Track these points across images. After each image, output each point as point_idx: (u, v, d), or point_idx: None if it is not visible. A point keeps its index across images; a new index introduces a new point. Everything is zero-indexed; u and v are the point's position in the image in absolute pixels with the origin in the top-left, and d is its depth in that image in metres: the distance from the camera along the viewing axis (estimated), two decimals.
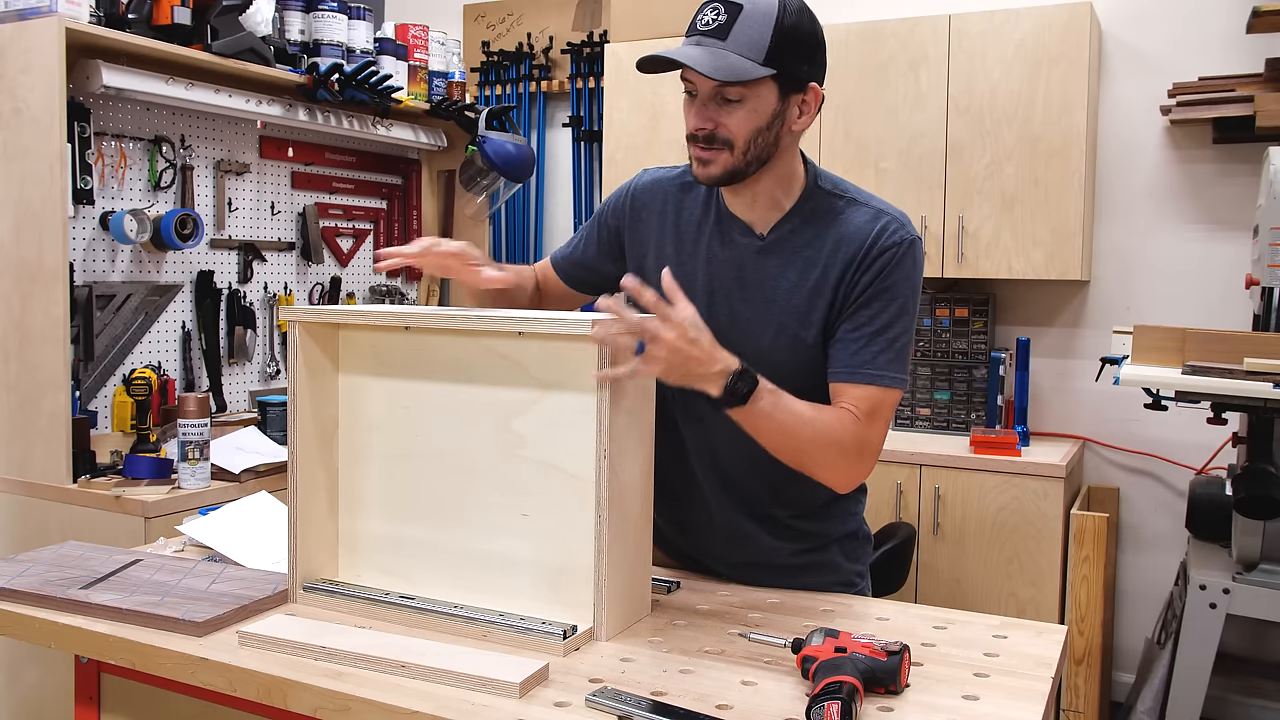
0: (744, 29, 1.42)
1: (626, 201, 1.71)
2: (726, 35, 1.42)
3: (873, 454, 1.52)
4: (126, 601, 1.41)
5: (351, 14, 3.17)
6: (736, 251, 1.59)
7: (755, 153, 1.49)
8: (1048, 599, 2.95)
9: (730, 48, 1.42)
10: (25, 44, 2.42)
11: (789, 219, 1.57)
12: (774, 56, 1.44)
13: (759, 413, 1.39)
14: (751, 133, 1.47)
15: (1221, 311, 3.22)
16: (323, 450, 1.51)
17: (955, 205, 3.24)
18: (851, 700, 1.10)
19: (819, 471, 1.49)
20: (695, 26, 1.46)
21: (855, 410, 1.48)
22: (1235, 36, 3.15)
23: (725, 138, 1.47)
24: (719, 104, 1.46)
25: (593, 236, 1.75)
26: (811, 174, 1.59)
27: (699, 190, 1.65)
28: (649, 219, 1.68)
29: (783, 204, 1.57)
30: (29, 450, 2.47)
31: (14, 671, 2.50)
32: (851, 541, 1.70)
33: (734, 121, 1.47)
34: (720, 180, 1.51)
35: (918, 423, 3.46)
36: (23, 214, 2.45)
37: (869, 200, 1.58)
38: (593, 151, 4.16)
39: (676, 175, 1.69)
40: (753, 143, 1.48)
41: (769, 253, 1.57)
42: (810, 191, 1.58)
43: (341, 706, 1.18)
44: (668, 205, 1.66)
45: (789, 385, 1.55)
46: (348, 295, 3.55)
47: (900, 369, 1.51)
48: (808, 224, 1.56)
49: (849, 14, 3.58)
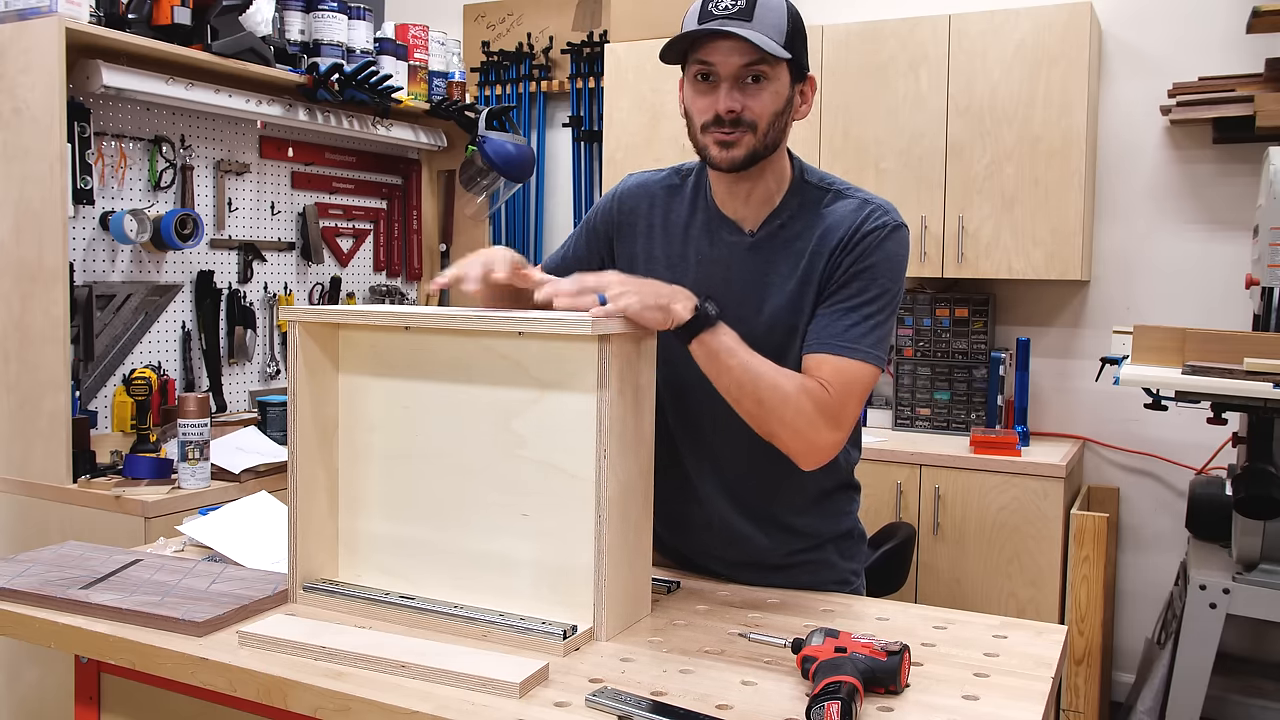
0: (765, 12, 1.45)
1: (614, 207, 1.71)
2: (751, 17, 1.44)
3: (840, 427, 1.48)
4: (126, 601, 1.41)
5: (351, 14, 3.17)
6: (725, 250, 1.60)
7: (773, 136, 1.51)
8: (1048, 599, 2.95)
9: (758, 28, 1.44)
10: (25, 44, 2.42)
11: (778, 214, 1.59)
12: (789, 42, 1.47)
13: (722, 347, 1.41)
14: (773, 115, 1.50)
15: (1221, 311, 3.22)
16: (323, 450, 1.51)
17: (955, 205, 3.24)
18: (851, 700, 1.10)
19: (780, 431, 1.45)
20: (711, 13, 1.46)
21: (825, 382, 1.46)
22: (1235, 36, 3.15)
23: (750, 120, 1.48)
24: (743, 86, 1.48)
25: (582, 243, 1.76)
26: (797, 167, 1.61)
27: (685, 192, 1.66)
28: (636, 222, 1.68)
29: (774, 198, 1.59)
30: (29, 450, 2.47)
31: (14, 671, 2.50)
32: (846, 540, 1.70)
33: (759, 103, 1.48)
34: (743, 163, 1.51)
35: (918, 423, 3.46)
36: (23, 214, 2.45)
37: (855, 192, 1.59)
38: (593, 151, 4.16)
39: (663, 178, 1.70)
40: (772, 126, 1.50)
41: (758, 249, 1.58)
42: (797, 185, 1.60)
43: (341, 706, 1.18)
44: (654, 208, 1.67)
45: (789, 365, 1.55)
46: (348, 295, 3.56)
47: (876, 347, 1.50)
48: (796, 218, 1.58)
49: (849, 14, 3.58)
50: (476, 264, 1.46)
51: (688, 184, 1.66)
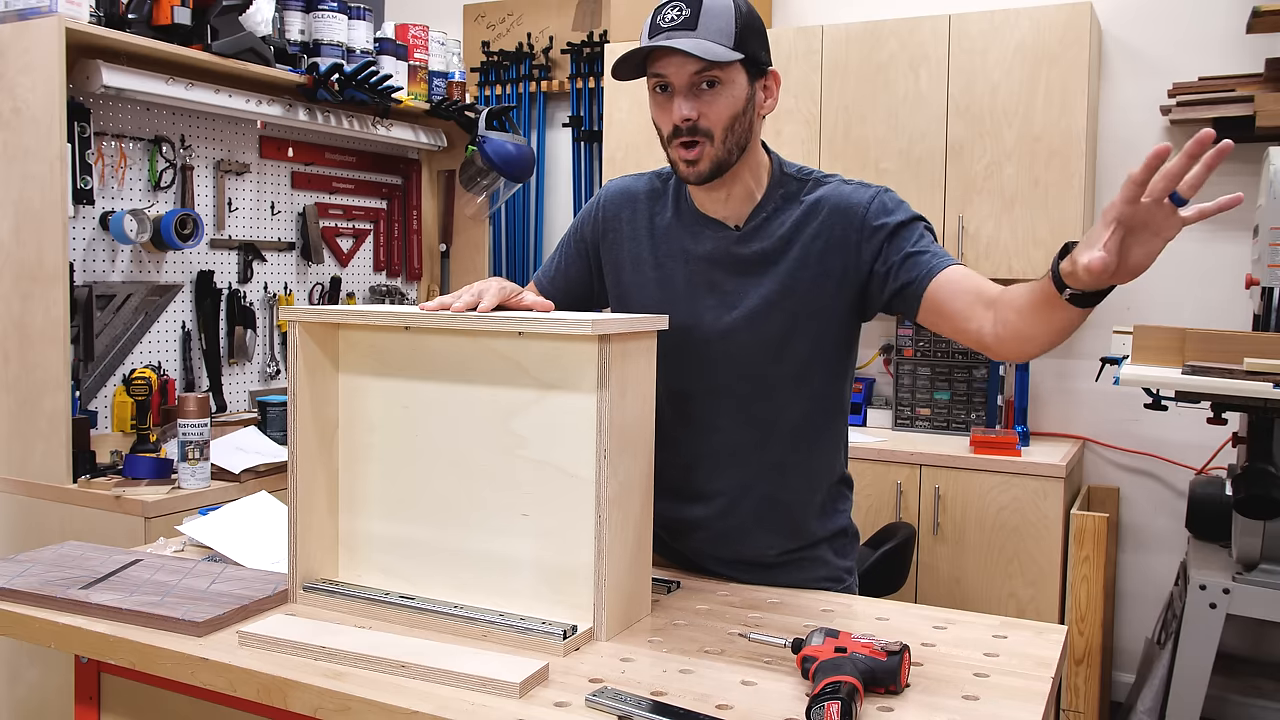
0: (710, 19, 1.46)
1: (598, 215, 1.73)
2: (695, 26, 1.46)
3: None
4: (126, 601, 1.41)
5: (351, 14, 3.17)
6: (712, 246, 1.61)
7: (735, 139, 1.52)
8: (1048, 599, 2.95)
9: (702, 35, 1.46)
10: (25, 44, 2.42)
11: (762, 207, 1.60)
12: (740, 42, 1.48)
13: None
14: (730, 119, 1.51)
15: (1221, 311, 3.22)
16: (323, 450, 1.51)
17: (955, 205, 3.24)
18: (851, 700, 1.10)
19: None
20: (659, 26, 1.49)
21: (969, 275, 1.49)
22: (1235, 36, 3.15)
23: (706, 128, 1.50)
24: (697, 94, 1.49)
25: (571, 254, 1.77)
26: (776, 161, 1.63)
27: (668, 196, 1.67)
28: (621, 228, 1.69)
29: (755, 194, 1.60)
30: (29, 450, 2.47)
31: (14, 671, 2.50)
32: (841, 539, 1.71)
33: (714, 110, 1.49)
34: (709, 175, 1.53)
35: (918, 423, 3.46)
36: (23, 214, 2.45)
37: (830, 177, 1.62)
38: (593, 151, 4.16)
39: (645, 182, 1.71)
40: (730, 130, 1.51)
41: (745, 242, 1.60)
42: (778, 178, 1.61)
43: (341, 706, 1.18)
44: (638, 214, 1.69)
45: (787, 357, 1.57)
46: (348, 295, 3.56)
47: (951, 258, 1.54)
48: (781, 209, 1.59)
49: (849, 14, 3.58)
50: (466, 296, 1.44)
51: (669, 187, 1.68)
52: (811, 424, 1.62)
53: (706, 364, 1.61)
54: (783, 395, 1.60)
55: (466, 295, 1.44)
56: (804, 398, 1.61)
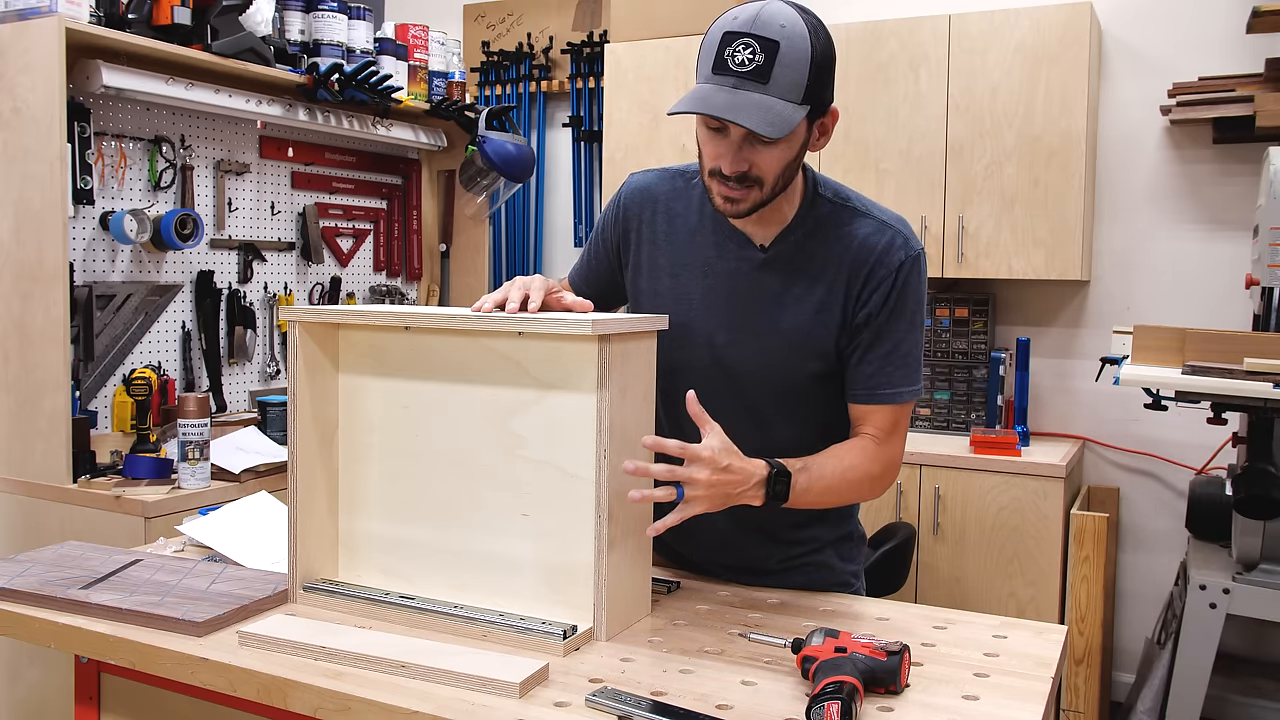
0: (783, 70, 1.34)
1: (619, 215, 1.66)
2: (767, 79, 1.33)
3: (897, 465, 1.59)
4: (126, 601, 1.41)
5: (351, 14, 3.17)
6: (735, 264, 1.55)
7: (783, 184, 1.46)
8: (1048, 599, 2.95)
9: (773, 92, 1.34)
10: (25, 44, 2.42)
11: (792, 230, 1.53)
12: (810, 93, 1.37)
13: (799, 498, 1.43)
14: (783, 167, 1.43)
15: (1221, 311, 3.22)
16: (323, 450, 1.51)
17: (955, 205, 3.24)
18: (851, 700, 1.10)
19: (857, 501, 1.61)
20: (728, 66, 1.34)
21: (875, 433, 1.54)
22: (1235, 36, 3.15)
23: (756, 176, 1.42)
24: (752, 145, 1.40)
25: (599, 253, 1.71)
26: (811, 180, 1.55)
27: (691, 198, 1.60)
28: (641, 229, 1.63)
29: (785, 215, 1.53)
30: (29, 450, 2.47)
31: (14, 671, 2.50)
32: (847, 543, 1.70)
33: (767, 161, 1.41)
34: (748, 213, 1.48)
35: (918, 423, 3.46)
36: (23, 214, 2.45)
37: (870, 209, 1.54)
38: (593, 151, 4.16)
39: (666, 180, 1.64)
40: (781, 176, 1.45)
41: (769, 267, 1.54)
42: (811, 199, 1.54)
43: (341, 706, 1.18)
44: (657, 214, 1.62)
45: (790, 398, 1.56)
46: (348, 295, 3.56)
47: (915, 379, 1.56)
48: (811, 237, 1.53)
49: (849, 14, 3.58)
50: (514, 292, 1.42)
51: (693, 188, 1.60)
52: (819, 436, 1.57)
53: (710, 384, 1.53)
54: (786, 416, 1.58)
55: (515, 291, 1.42)
56: (808, 419, 1.59)
